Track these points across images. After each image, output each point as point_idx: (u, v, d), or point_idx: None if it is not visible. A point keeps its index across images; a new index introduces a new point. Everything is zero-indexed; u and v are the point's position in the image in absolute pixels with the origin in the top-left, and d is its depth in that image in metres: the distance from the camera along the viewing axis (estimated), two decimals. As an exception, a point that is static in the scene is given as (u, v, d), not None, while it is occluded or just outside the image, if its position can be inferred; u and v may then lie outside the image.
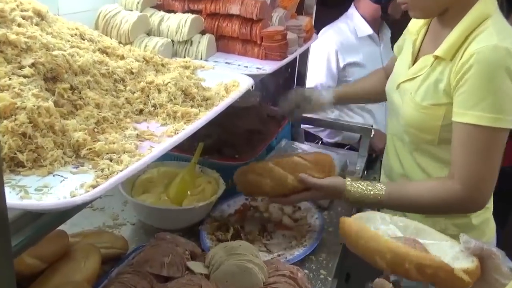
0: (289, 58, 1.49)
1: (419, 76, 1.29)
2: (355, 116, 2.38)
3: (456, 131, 1.18)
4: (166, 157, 1.53)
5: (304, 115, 1.95)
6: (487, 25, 1.18)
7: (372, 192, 1.21)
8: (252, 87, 1.54)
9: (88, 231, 1.18)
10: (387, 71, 1.61)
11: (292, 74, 2.13)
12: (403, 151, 1.40)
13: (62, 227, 1.10)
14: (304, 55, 2.08)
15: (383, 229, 1.05)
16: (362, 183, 1.23)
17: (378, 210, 1.25)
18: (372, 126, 1.99)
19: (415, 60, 1.37)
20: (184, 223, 1.33)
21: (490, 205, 1.37)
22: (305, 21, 1.71)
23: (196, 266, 1.09)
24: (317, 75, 2.28)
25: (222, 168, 1.49)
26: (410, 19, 1.43)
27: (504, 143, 1.17)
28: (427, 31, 1.39)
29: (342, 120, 2.17)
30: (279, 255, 1.25)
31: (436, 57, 1.24)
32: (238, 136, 1.60)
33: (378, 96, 1.66)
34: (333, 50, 2.32)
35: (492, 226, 1.43)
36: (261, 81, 2.02)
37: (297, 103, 1.72)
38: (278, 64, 1.38)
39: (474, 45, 1.16)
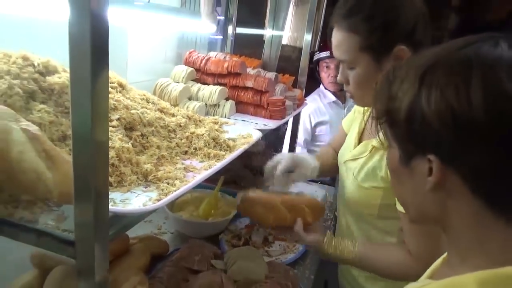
0: (287, 118, 1.56)
1: (360, 158, 1.08)
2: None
3: (402, 219, 0.96)
4: (197, 186, 1.59)
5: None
6: None
7: (344, 256, 1.01)
8: (260, 138, 1.62)
9: (142, 236, 1.23)
10: (334, 146, 1.43)
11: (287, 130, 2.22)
12: (350, 217, 1.17)
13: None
14: (297, 117, 2.17)
15: None
16: (338, 244, 1.02)
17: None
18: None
19: (360, 140, 1.15)
20: (209, 233, 1.36)
21: None
22: (298, 92, 1.80)
23: (218, 263, 1.13)
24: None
25: (235, 193, 1.49)
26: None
27: None
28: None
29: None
30: (276, 258, 1.28)
31: (373, 146, 1.05)
32: (249, 172, 1.66)
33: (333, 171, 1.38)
34: (307, 114, 2.44)
35: None
36: (266, 134, 2.12)
37: (289, 168, 1.29)
38: (279, 122, 1.44)
39: None
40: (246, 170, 1.66)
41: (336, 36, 1.02)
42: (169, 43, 1.59)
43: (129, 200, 0.70)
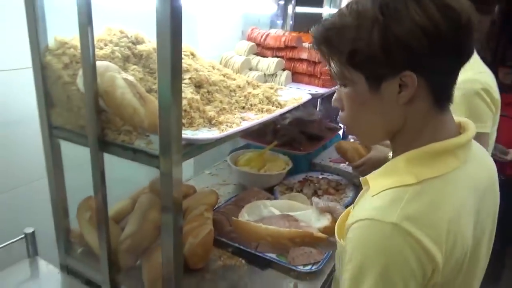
0: (338, 87, 1.70)
1: None
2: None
3: None
4: (258, 147, 1.75)
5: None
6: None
7: None
8: (316, 107, 1.74)
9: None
10: None
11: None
12: None
13: (192, 182, 1.40)
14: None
15: (266, 212, 1.12)
16: None
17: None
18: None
19: None
20: (266, 184, 1.53)
21: None
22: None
23: (271, 205, 1.32)
24: None
25: (291, 155, 1.69)
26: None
27: None
28: None
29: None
30: (324, 208, 1.44)
31: None
32: (304, 137, 1.80)
33: None
34: None
35: None
36: (323, 104, 2.25)
37: None
38: (330, 90, 1.57)
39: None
40: (302, 135, 1.81)
41: None
42: (234, 22, 1.79)
43: (197, 134, 0.90)
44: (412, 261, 0.58)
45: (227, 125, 0.97)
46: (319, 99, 2.23)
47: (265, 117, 1.08)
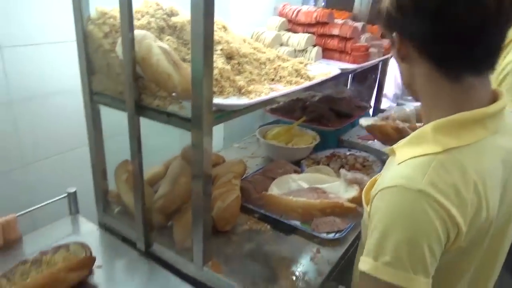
0: (368, 63, 1.67)
1: None
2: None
3: None
4: (286, 123, 1.79)
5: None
6: None
7: None
8: (347, 84, 1.73)
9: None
10: None
11: (375, 81, 2.31)
12: None
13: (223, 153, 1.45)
14: (384, 67, 2.24)
15: (294, 186, 1.17)
16: None
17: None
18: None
19: None
20: (293, 157, 1.56)
21: None
22: (386, 42, 1.89)
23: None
24: (387, 85, 2.41)
25: (319, 131, 1.72)
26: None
27: None
28: None
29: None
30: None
31: None
32: (333, 114, 1.82)
33: None
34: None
35: None
36: (353, 83, 2.24)
37: None
38: (360, 66, 1.55)
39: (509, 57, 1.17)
40: (331, 112, 1.82)
41: None
42: (266, -2, 1.80)
43: (226, 101, 0.94)
44: (438, 225, 0.60)
45: (256, 94, 1.00)
46: (349, 77, 2.22)
47: (292, 87, 1.10)
